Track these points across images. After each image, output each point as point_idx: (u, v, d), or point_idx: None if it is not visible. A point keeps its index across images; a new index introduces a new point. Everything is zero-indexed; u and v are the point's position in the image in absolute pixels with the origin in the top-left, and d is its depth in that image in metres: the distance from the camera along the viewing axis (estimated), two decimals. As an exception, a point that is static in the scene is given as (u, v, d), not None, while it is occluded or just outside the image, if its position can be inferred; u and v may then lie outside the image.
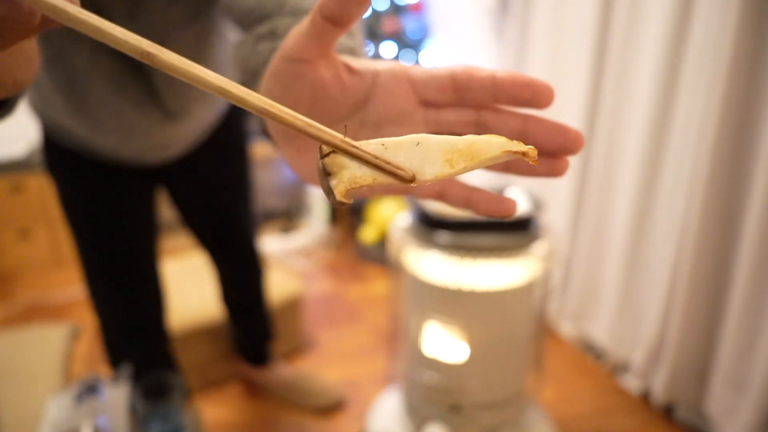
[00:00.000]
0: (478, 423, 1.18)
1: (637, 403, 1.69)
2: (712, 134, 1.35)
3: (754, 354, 1.38)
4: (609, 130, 1.72)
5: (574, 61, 1.84)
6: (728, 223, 1.44)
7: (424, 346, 1.19)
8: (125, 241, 1.11)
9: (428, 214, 1.12)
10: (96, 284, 1.13)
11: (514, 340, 1.15)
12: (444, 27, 2.70)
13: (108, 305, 1.16)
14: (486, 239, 1.07)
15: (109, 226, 1.07)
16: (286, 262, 2.70)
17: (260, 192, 3.17)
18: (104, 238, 1.08)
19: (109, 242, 1.08)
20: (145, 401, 0.93)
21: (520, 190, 1.24)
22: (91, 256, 1.11)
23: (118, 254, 1.10)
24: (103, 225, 1.07)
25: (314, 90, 0.38)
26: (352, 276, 2.55)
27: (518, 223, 1.13)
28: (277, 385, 1.65)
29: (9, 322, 2.08)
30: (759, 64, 1.32)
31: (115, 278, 1.11)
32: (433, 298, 1.13)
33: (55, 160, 1.04)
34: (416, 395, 1.23)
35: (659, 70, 1.52)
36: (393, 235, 1.19)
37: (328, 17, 0.33)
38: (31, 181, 2.43)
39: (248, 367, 1.68)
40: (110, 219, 1.07)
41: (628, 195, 1.66)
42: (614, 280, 1.74)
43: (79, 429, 0.86)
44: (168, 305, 1.27)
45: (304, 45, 0.36)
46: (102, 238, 1.08)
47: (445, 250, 1.08)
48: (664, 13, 1.49)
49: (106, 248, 1.09)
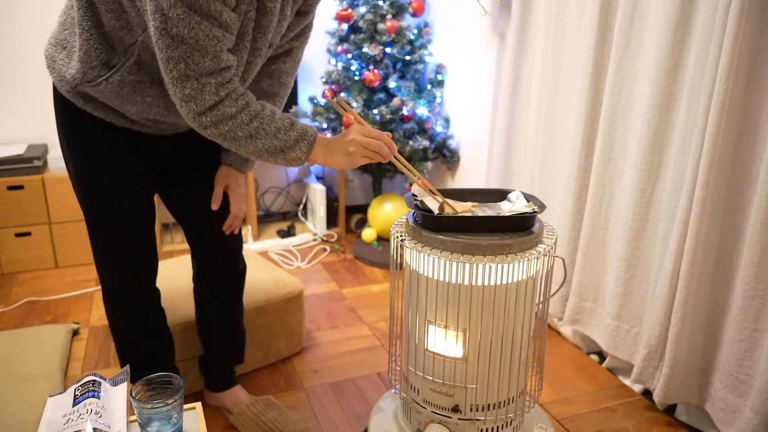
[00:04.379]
0: (478, 423, 1.18)
1: (637, 403, 1.69)
2: (713, 134, 1.35)
3: (754, 354, 1.38)
4: (609, 131, 1.72)
5: (574, 61, 1.84)
6: (728, 223, 1.44)
7: (424, 347, 1.18)
8: (128, 201, 1.29)
9: (428, 214, 1.12)
10: (101, 242, 1.31)
11: (514, 341, 1.15)
12: (444, 27, 2.70)
13: (109, 259, 1.32)
14: (486, 239, 1.07)
15: (116, 189, 1.26)
16: (286, 262, 2.70)
17: (260, 192, 3.17)
18: (113, 199, 1.27)
19: (116, 202, 1.27)
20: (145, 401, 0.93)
21: (521, 191, 1.24)
22: (99, 215, 1.28)
23: (121, 213, 1.29)
24: (113, 188, 1.27)
25: None
26: (352, 276, 2.55)
27: (519, 223, 1.13)
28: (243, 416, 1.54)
29: (9, 322, 2.08)
30: (759, 63, 1.32)
31: (116, 233, 1.28)
32: (433, 299, 1.13)
33: (77, 131, 1.24)
34: (416, 396, 1.23)
35: (659, 70, 1.52)
36: (393, 235, 1.19)
37: None
38: (31, 181, 2.43)
39: (210, 393, 1.61)
40: (118, 182, 1.27)
41: (629, 195, 1.66)
42: (615, 279, 1.74)
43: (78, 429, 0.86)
44: (157, 266, 1.43)
45: None
46: (111, 198, 1.27)
47: (445, 251, 1.08)
48: (664, 13, 1.49)
49: (115, 207, 1.28)
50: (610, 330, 1.77)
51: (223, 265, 1.49)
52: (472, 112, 2.55)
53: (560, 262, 1.91)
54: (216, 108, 1.03)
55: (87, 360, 1.84)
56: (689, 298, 1.47)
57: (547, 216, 2.04)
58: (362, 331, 2.07)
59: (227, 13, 1.00)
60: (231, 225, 1.43)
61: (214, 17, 0.98)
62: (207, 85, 1.01)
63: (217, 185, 1.39)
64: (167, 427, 0.91)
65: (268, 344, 1.81)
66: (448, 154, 2.71)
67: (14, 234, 2.47)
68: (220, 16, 0.98)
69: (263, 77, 1.32)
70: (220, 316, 1.54)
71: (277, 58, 1.32)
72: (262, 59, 1.20)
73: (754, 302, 1.35)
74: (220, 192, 1.39)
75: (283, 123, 1.08)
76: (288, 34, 1.26)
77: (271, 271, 1.94)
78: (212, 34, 0.99)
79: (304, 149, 1.10)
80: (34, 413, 1.42)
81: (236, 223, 1.44)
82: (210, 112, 1.03)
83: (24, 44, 2.55)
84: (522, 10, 2.02)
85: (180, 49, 0.97)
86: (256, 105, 1.07)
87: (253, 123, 1.06)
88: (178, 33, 0.96)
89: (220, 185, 1.39)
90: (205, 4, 0.96)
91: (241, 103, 1.05)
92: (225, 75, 1.03)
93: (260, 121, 1.06)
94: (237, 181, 1.39)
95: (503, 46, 2.19)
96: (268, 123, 1.07)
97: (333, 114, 2.74)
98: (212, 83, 1.02)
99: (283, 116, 1.09)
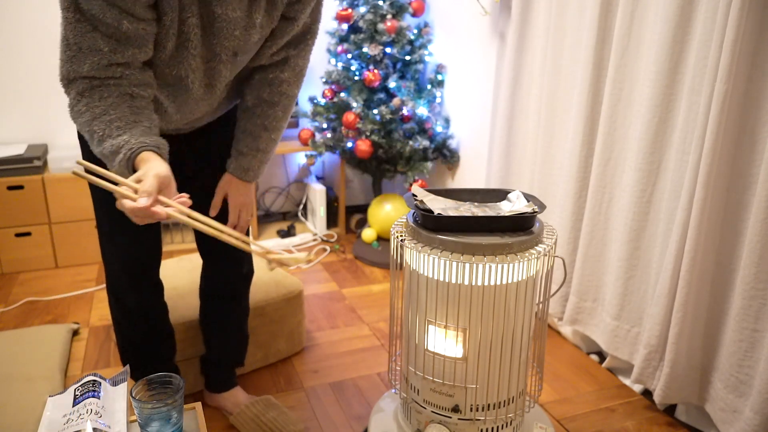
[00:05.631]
0: (478, 423, 1.18)
1: (637, 403, 1.69)
2: (713, 134, 1.35)
3: (754, 354, 1.38)
4: (609, 131, 1.72)
5: (574, 61, 1.84)
6: (728, 223, 1.44)
7: (424, 347, 1.18)
8: None
9: (428, 215, 1.12)
10: (105, 232, 1.34)
11: (514, 341, 1.15)
12: (444, 27, 2.70)
13: (112, 248, 1.35)
14: (486, 239, 1.07)
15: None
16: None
17: (260, 192, 3.17)
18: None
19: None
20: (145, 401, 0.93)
21: (521, 191, 1.24)
22: (106, 206, 1.29)
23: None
24: None
25: None
26: (352, 276, 2.55)
27: (519, 223, 1.13)
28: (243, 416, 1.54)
29: (9, 322, 2.08)
30: (759, 63, 1.32)
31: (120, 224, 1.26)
32: (433, 299, 1.13)
33: None
34: (416, 396, 1.23)
35: (659, 70, 1.52)
36: (393, 235, 1.19)
37: None
38: (30, 181, 2.43)
39: (210, 394, 1.62)
40: None
41: (629, 195, 1.66)
42: (615, 279, 1.74)
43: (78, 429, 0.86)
44: (160, 258, 1.45)
45: None
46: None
47: (445, 251, 1.08)
48: (664, 13, 1.49)
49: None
50: (610, 330, 1.77)
51: (224, 267, 1.50)
52: (472, 112, 2.55)
53: (560, 262, 1.90)
54: (75, 106, 1.02)
55: (87, 360, 1.84)
56: (689, 298, 1.47)
57: (547, 216, 2.04)
58: (362, 331, 2.07)
59: (129, 22, 0.97)
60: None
61: (107, 26, 0.96)
62: (78, 86, 1.00)
63: (218, 192, 1.38)
64: (167, 427, 0.91)
65: (268, 344, 1.81)
66: (448, 154, 2.71)
67: (14, 234, 2.47)
68: (118, 26, 0.96)
69: (263, 86, 1.29)
70: (220, 315, 1.54)
71: (274, 66, 1.28)
72: (231, 66, 1.19)
73: (754, 302, 1.35)
74: (219, 199, 1.38)
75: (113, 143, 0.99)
76: (277, 42, 1.22)
77: (271, 271, 1.94)
78: (96, 47, 0.97)
79: (120, 169, 1.00)
80: (34, 413, 1.42)
81: (243, 230, 1.42)
82: (71, 111, 1.03)
83: (24, 44, 2.55)
84: (522, 10, 2.02)
85: (67, 50, 0.98)
86: (105, 107, 1.01)
87: (91, 125, 1.01)
88: (65, 35, 0.97)
89: (220, 193, 1.38)
90: (99, 12, 0.93)
91: (94, 104, 1.01)
92: (103, 81, 1.01)
93: (97, 125, 1.00)
94: (237, 189, 1.37)
95: (503, 46, 2.19)
96: (98, 131, 1.01)
97: (333, 114, 2.74)
98: (84, 85, 1.00)
99: (117, 132, 1.00)
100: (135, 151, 0.97)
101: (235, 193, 1.37)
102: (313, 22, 1.26)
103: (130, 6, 0.96)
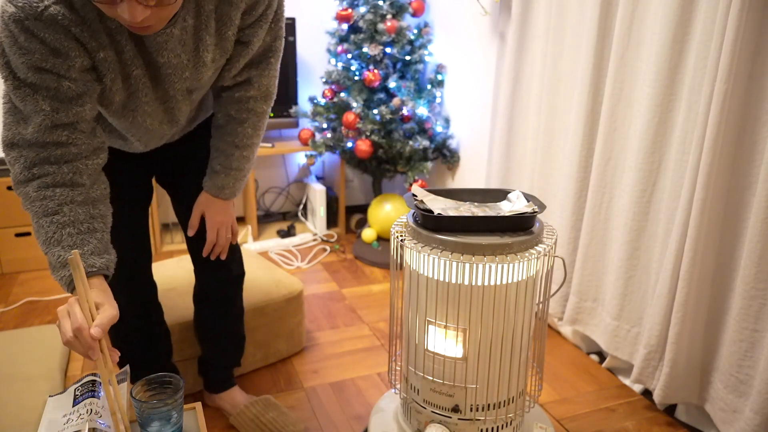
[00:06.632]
0: (478, 423, 1.18)
1: (637, 403, 1.69)
2: (713, 134, 1.35)
3: (754, 354, 1.38)
4: (609, 131, 1.72)
5: (574, 61, 1.84)
6: (728, 223, 1.44)
7: (424, 347, 1.19)
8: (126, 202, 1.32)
9: (428, 215, 1.12)
10: None
11: (514, 341, 1.15)
12: (444, 27, 2.70)
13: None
14: (486, 239, 1.07)
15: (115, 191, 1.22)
16: (286, 262, 2.70)
17: (261, 192, 3.17)
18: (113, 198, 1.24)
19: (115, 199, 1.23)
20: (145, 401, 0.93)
21: (521, 191, 1.24)
22: None
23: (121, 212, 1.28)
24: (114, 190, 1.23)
25: None
26: (352, 276, 2.55)
27: (519, 223, 1.13)
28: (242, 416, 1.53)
29: (9, 322, 2.08)
30: (759, 63, 1.32)
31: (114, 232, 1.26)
32: (433, 299, 1.13)
33: None
34: (416, 396, 1.23)
35: (659, 70, 1.52)
36: (393, 235, 1.19)
37: None
38: (30, 181, 2.43)
39: (208, 394, 1.61)
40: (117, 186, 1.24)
41: (628, 195, 1.66)
42: (615, 279, 1.74)
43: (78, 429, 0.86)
44: (151, 257, 1.46)
45: None
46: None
47: (445, 251, 1.08)
48: (664, 13, 1.49)
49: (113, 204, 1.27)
50: (610, 330, 1.77)
51: (212, 270, 1.48)
52: (472, 112, 2.55)
53: (560, 262, 1.91)
54: (23, 185, 0.99)
55: (87, 360, 1.84)
56: (689, 298, 1.47)
57: (547, 216, 2.04)
58: (362, 331, 2.07)
59: (70, 82, 0.97)
60: (209, 252, 1.39)
61: (47, 89, 0.95)
62: (22, 158, 0.98)
63: (194, 211, 1.35)
64: (167, 427, 0.91)
65: (268, 344, 1.81)
66: (448, 154, 2.71)
67: (14, 234, 2.47)
68: (58, 87, 0.96)
69: (231, 103, 1.27)
70: (213, 318, 1.54)
71: (238, 86, 1.26)
72: (189, 102, 1.19)
73: (754, 302, 1.35)
74: (196, 219, 1.35)
75: (58, 250, 0.97)
76: (235, 65, 1.19)
77: (271, 271, 1.94)
78: (39, 107, 0.95)
79: (61, 283, 1.00)
80: (34, 413, 1.42)
81: (216, 250, 1.39)
82: (18, 188, 1.00)
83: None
84: (522, 10, 2.02)
85: (11, 115, 0.97)
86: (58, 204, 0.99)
87: (41, 220, 0.99)
88: (7, 100, 0.97)
89: (197, 212, 1.35)
90: (37, 79, 0.94)
91: (44, 193, 0.98)
92: (49, 150, 0.98)
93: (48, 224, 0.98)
94: (215, 208, 1.34)
95: (503, 46, 2.19)
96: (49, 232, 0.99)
97: (333, 114, 2.74)
98: (30, 157, 0.98)
99: (69, 241, 0.98)
100: (67, 278, 0.97)
101: (213, 212, 1.35)
102: (273, 40, 1.22)
103: (64, 71, 0.95)
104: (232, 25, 1.10)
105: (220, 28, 1.09)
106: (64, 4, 0.91)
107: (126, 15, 0.84)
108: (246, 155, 1.31)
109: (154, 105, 1.14)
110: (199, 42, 1.08)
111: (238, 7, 1.08)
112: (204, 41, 1.08)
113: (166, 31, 1.01)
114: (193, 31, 1.06)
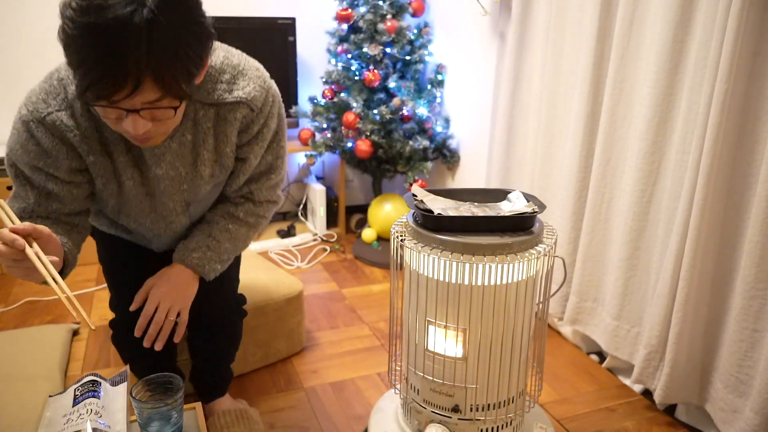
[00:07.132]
0: (478, 423, 1.18)
1: (637, 403, 1.69)
2: (713, 135, 1.35)
3: (755, 354, 1.38)
4: (609, 131, 1.72)
5: (575, 61, 1.84)
6: (729, 223, 1.44)
7: (424, 347, 1.18)
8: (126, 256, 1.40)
9: (429, 215, 1.12)
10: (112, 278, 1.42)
11: (514, 341, 1.15)
12: (444, 27, 2.70)
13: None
14: (486, 239, 1.07)
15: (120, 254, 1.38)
16: (286, 262, 2.70)
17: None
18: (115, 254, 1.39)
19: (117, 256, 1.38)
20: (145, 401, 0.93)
21: (521, 191, 1.24)
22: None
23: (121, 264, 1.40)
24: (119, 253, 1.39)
25: None
26: (352, 276, 2.55)
27: (519, 223, 1.13)
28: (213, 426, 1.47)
29: (9, 322, 2.08)
30: (759, 63, 1.32)
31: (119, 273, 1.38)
32: (433, 299, 1.13)
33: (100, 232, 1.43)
34: (416, 396, 1.23)
35: (659, 70, 1.52)
36: (393, 235, 1.19)
37: None
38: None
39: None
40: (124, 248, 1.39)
41: (628, 195, 1.66)
42: (615, 279, 1.74)
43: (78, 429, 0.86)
44: None
45: None
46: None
47: (445, 251, 1.08)
48: (664, 14, 1.49)
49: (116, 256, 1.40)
50: (611, 330, 1.77)
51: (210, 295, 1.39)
52: (472, 112, 2.55)
53: (560, 262, 1.90)
54: None
55: (87, 360, 1.85)
56: (689, 298, 1.47)
57: (547, 216, 2.04)
58: (362, 331, 2.07)
59: (55, 184, 1.10)
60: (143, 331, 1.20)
61: (37, 185, 1.10)
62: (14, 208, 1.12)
63: (147, 282, 1.23)
64: (167, 427, 0.91)
65: (268, 344, 1.81)
66: (448, 154, 2.71)
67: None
68: (44, 185, 1.10)
69: (232, 206, 1.31)
70: (205, 343, 1.48)
71: (241, 198, 1.30)
72: (187, 214, 1.26)
73: (754, 302, 1.35)
74: (144, 292, 1.23)
75: None
76: (236, 181, 1.26)
77: (271, 271, 1.94)
78: (26, 196, 1.11)
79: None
80: (34, 413, 1.42)
81: (152, 328, 1.19)
82: None
83: (25, 44, 2.55)
84: (522, 10, 2.02)
85: (12, 187, 1.14)
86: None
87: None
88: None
89: (150, 282, 1.23)
90: (30, 173, 1.09)
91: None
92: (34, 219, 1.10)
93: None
94: (168, 276, 1.23)
95: (503, 46, 2.19)
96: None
97: (333, 114, 2.74)
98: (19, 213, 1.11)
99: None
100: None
101: (163, 281, 1.22)
102: (275, 159, 1.27)
103: (53, 170, 1.08)
104: (230, 142, 1.17)
105: (218, 144, 1.17)
106: (66, 113, 1.05)
107: (130, 128, 0.93)
108: (234, 244, 1.31)
109: (153, 217, 1.22)
110: (197, 157, 1.16)
111: (233, 126, 1.16)
112: (202, 156, 1.16)
113: (164, 144, 1.11)
114: (191, 146, 1.15)
